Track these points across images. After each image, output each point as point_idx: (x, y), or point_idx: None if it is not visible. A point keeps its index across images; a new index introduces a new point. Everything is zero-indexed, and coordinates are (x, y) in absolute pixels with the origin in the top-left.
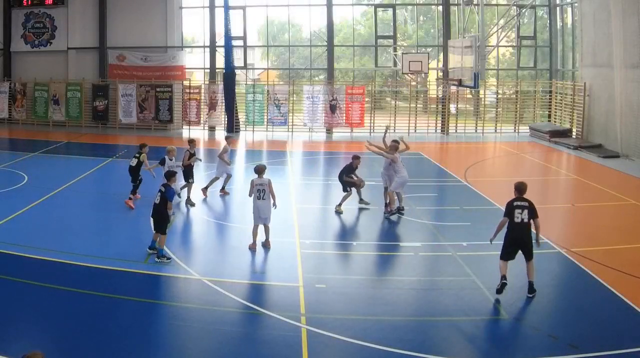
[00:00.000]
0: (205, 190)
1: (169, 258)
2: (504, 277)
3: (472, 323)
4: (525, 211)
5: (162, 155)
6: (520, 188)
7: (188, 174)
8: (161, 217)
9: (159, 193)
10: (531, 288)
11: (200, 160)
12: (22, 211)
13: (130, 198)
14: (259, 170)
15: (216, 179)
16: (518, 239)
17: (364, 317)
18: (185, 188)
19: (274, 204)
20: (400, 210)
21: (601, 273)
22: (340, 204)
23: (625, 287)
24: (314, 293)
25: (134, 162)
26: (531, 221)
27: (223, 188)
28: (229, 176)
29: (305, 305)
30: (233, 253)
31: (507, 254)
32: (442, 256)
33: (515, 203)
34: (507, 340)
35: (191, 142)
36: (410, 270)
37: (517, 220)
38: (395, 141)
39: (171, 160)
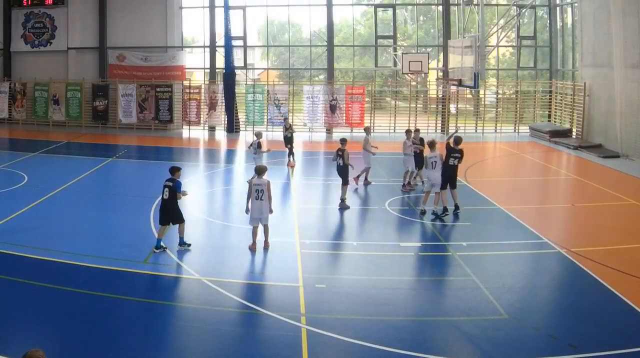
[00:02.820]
0: (357, 179)
1: (187, 245)
2: (446, 209)
3: (472, 323)
4: (457, 159)
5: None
6: (457, 141)
7: (345, 174)
8: (172, 210)
9: (167, 189)
10: (457, 207)
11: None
12: (22, 211)
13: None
14: (259, 171)
15: (368, 168)
16: (451, 175)
17: (364, 317)
18: (342, 191)
19: (270, 209)
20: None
21: (601, 273)
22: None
23: (625, 287)
24: (314, 293)
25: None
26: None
27: (366, 178)
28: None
29: (305, 305)
30: (233, 253)
31: (444, 185)
32: (442, 256)
33: (452, 154)
34: (507, 340)
35: (344, 141)
36: (410, 270)
37: (451, 163)
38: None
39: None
